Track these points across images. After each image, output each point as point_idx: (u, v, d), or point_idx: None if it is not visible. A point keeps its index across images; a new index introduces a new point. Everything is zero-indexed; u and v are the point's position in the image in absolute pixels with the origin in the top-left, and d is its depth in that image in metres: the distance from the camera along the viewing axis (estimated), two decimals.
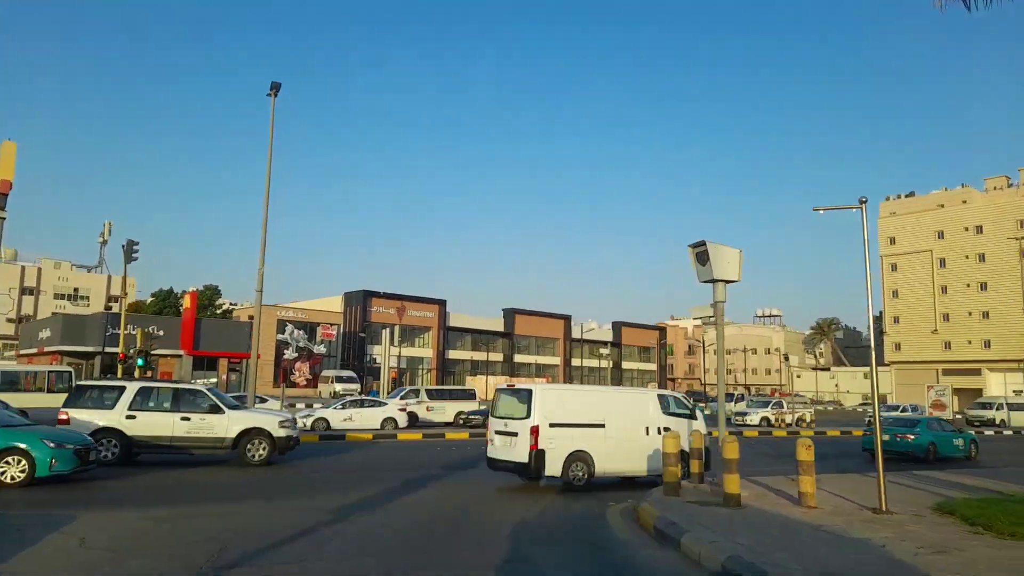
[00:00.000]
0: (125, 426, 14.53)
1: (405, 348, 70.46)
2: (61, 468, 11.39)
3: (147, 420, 14.72)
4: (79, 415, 14.51)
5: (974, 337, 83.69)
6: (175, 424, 14.79)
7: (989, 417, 44.82)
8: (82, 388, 15.56)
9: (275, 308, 60.89)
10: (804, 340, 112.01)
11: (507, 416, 12.59)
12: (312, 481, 14.06)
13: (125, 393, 14.99)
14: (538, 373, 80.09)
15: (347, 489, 12.06)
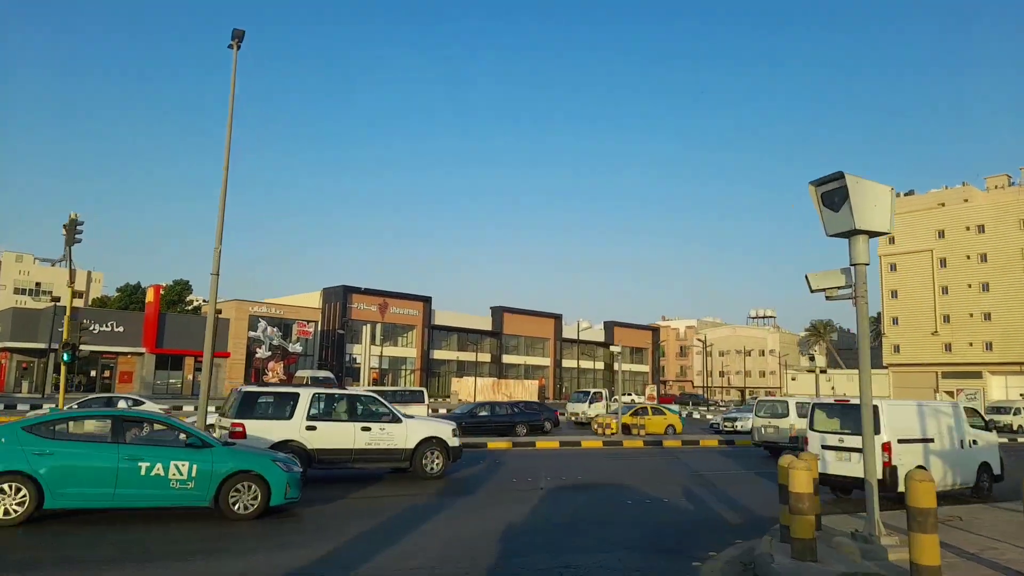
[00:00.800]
0: (305, 438, 13.19)
1: (387, 347, 66.47)
2: (293, 495, 9.81)
3: (328, 431, 13.47)
4: (255, 427, 12.80)
5: (975, 339, 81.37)
6: (356, 435, 13.67)
7: (1005, 423, 42.09)
8: (252, 396, 13.68)
9: (247, 304, 56.73)
10: (799, 342, 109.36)
11: (839, 431, 12.67)
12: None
13: (300, 401, 13.54)
14: (527, 374, 76.47)
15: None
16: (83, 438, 9.24)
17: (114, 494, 8.82)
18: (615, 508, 11.59)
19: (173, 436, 9.58)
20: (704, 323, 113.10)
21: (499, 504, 11.72)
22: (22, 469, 8.42)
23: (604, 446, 24.20)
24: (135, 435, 9.39)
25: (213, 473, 9.23)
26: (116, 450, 8.92)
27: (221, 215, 19.64)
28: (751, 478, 16.59)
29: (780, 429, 20.87)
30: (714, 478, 15.87)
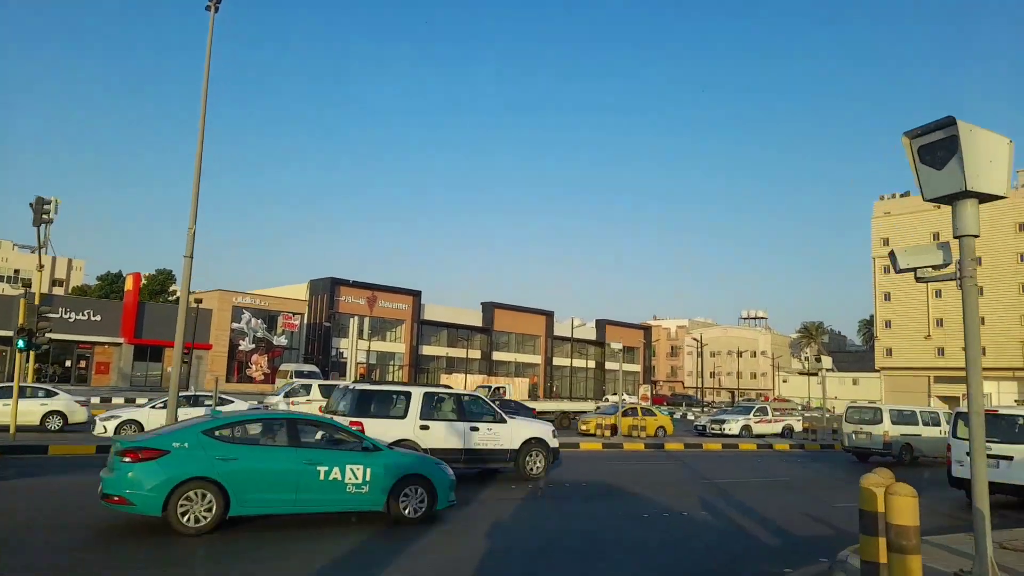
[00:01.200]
0: (420, 438, 13.12)
1: (376, 342, 64.93)
2: (453, 499, 9.75)
3: (440, 431, 13.40)
4: (371, 426, 12.35)
5: None
6: (466, 435, 13.61)
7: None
8: (367, 394, 13.57)
9: (230, 294, 54.96)
10: (790, 344, 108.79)
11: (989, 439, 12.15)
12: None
13: (413, 400, 13.44)
14: (518, 372, 75.08)
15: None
16: (263, 442, 8.84)
17: (295, 499, 8.55)
18: (636, 524, 10.25)
19: (345, 440, 9.38)
20: (696, 323, 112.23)
21: (507, 518, 10.32)
22: (208, 475, 8.03)
23: (603, 448, 22.94)
24: (309, 439, 9.18)
25: (386, 477, 9.07)
26: (296, 454, 8.67)
27: (195, 193, 18.42)
28: (768, 486, 15.35)
29: (873, 435, 21.39)
30: (728, 487, 14.60)
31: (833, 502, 13.07)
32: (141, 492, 7.76)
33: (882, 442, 20.97)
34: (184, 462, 7.98)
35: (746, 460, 21.50)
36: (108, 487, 7.91)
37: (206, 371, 52.37)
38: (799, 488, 15.27)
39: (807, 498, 13.70)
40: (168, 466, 7.90)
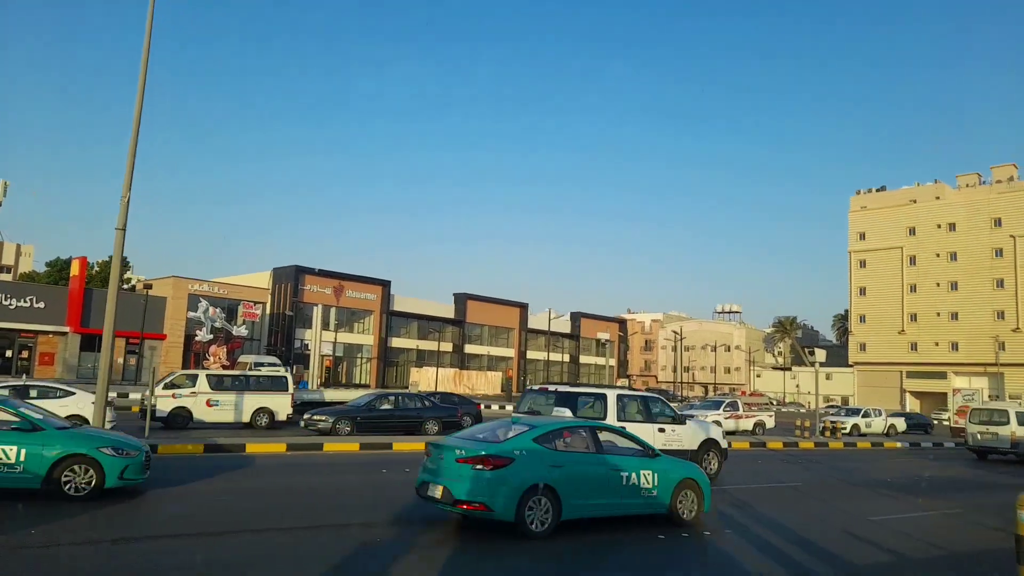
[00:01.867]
0: None
1: (343, 334, 62.21)
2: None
3: (635, 432, 12.05)
4: None
5: (941, 339, 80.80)
6: (655, 436, 13.39)
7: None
8: (569, 396, 13.65)
9: (186, 281, 51.75)
10: (764, 338, 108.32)
11: None
12: None
13: (609, 402, 13.41)
14: (490, 365, 72.97)
15: None
16: (577, 449, 9.06)
17: (606, 504, 8.92)
18: (654, 548, 8.12)
19: (634, 446, 9.67)
20: (670, 317, 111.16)
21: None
22: (547, 481, 8.28)
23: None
24: (609, 446, 9.42)
25: (670, 480, 9.38)
26: (604, 460, 9.04)
27: (131, 161, 16.33)
28: (779, 493, 13.36)
29: (1000, 436, 22.01)
30: (740, 493, 12.60)
31: (865, 514, 11.15)
32: (499, 499, 7.97)
33: (1009, 442, 21.91)
34: (527, 469, 8.22)
35: (734, 461, 19.56)
36: (461, 493, 8.00)
37: (160, 362, 49.23)
38: (815, 495, 13.33)
39: (831, 509, 11.76)
40: (516, 474, 8.12)
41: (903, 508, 12.05)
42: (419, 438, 19.17)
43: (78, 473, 9.29)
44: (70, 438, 9.57)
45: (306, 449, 16.75)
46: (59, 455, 9.21)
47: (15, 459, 8.95)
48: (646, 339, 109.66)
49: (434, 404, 22.92)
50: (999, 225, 77.26)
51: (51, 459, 9.13)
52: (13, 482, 8.97)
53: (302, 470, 13.89)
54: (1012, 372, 71.53)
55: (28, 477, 8.99)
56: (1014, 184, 79.73)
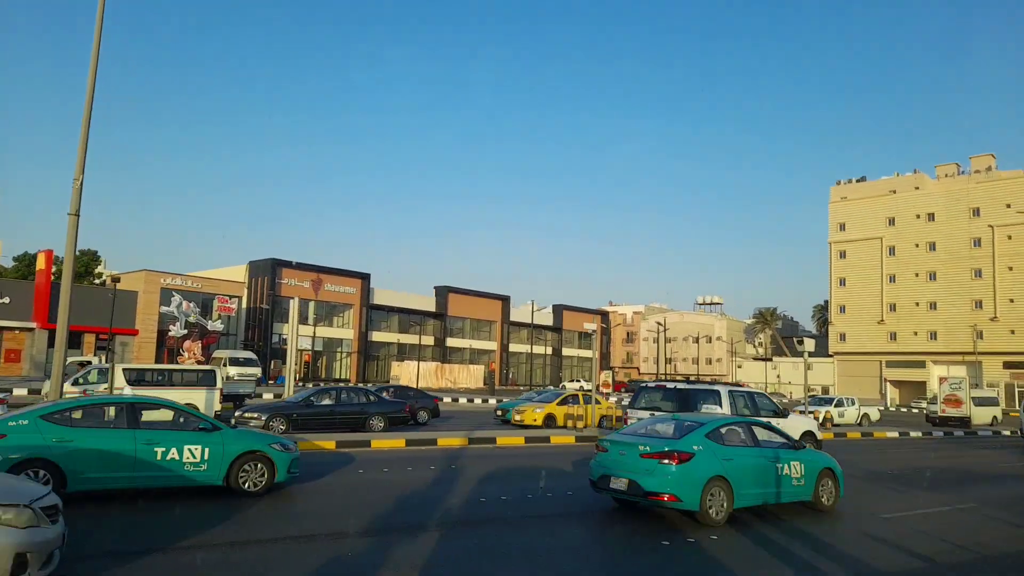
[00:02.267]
0: None
1: (322, 328, 61.02)
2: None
3: None
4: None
5: (920, 328, 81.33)
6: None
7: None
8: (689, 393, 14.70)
9: (158, 275, 50.22)
10: (745, 329, 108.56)
11: None
12: None
13: (723, 398, 14.16)
14: (473, 359, 72.13)
15: None
16: (736, 443, 9.60)
17: (764, 493, 9.48)
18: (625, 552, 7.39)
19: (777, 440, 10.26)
20: (652, 309, 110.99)
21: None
22: (722, 474, 8.92)
23: (527, 443, 18.78)
24: (764, 438, 10.03)
25: (813, 470, 10.16)
26: (763, 453, 9.63)
27: (83, 142, 15.31)
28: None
29: None
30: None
31: (877, 512, 10.54)
32: (686, 490, 8.61)
33: None
34: (706, 463, 8.88)
35: None
36: (651, 486, 8.68)
37: (132, 358, 47.78)
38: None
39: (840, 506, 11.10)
40: (698, 467, 8.77)
41: (914, 504, 11.46)
42: (369, 435, 17.89)
43: (254, 470, 9.85)
44: (245, 436, 10.23)
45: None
46: (238, 452, 9.76)
47: (200, 458, 9.47)
48: (628, 331, 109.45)
49: (380, 399, 20.89)
50: (977, 215, 77.77)
51: (231, 457, 9.69)
52: (199, 480, 9.48)
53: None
54: (990, 361, 72.21)
55: (212, 475, 9.56)
56: (992, 174, 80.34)
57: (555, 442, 19.41)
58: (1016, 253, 73.82)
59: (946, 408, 33.23)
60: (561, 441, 19.64)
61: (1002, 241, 75.12)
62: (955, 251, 78.87)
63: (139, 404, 9.80)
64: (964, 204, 78.69)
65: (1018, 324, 72.53)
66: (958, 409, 32.85)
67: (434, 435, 18.55)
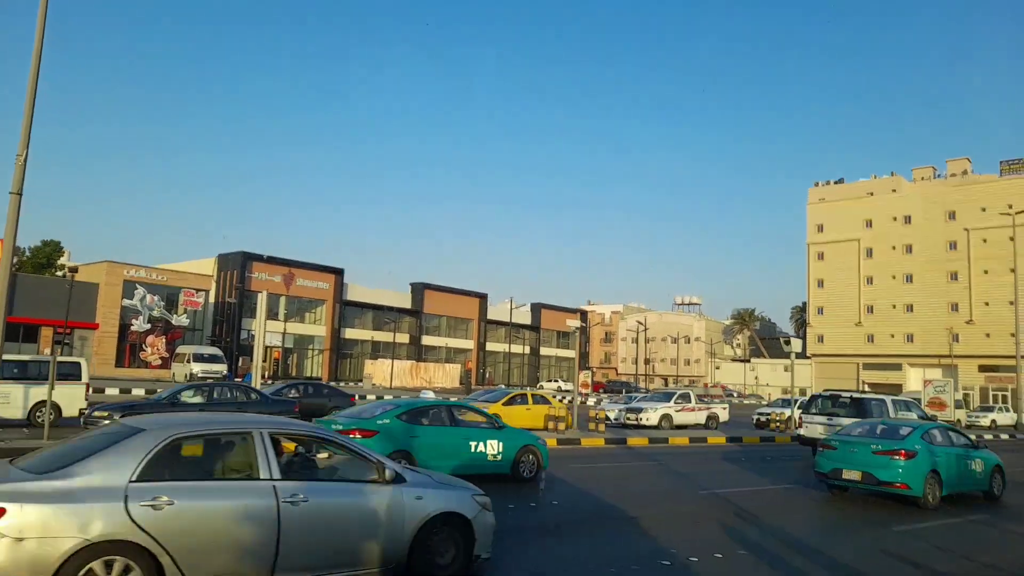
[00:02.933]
0: None
1: (293, 324, 59.30)
2: None
3: None
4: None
5: (897, 331, 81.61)
6: None
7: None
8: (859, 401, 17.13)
9: (121, 266, 48.16)
10: (724, 330, 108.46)
11: None
12: None
13: (888, 406, 16.64)
14: (449, 357, 70.77)
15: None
16: (938, 443, 11.65)
17: (961, 483, 11.65)
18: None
19: (960, 440, 12.33)
20: (630, 308, 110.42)
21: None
22: (935, 468, 11.07)
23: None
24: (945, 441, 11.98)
25: (989, 468, 12.23)
26: (959, 452, 11.81)
27: (28, 116, 13.81)
28: (782, 498, 11.67)
29: None
30: (737, 499, 10.85)
31: (887, 524, 9.55)
32: (913, 481, 10.70)
33: None
34: (926, 459, 10.99)
35: (708, 460, 17.89)
36: (885, 477, 10.86)
37: (91, 354, 45.73)
38: (820, 500, 11.68)
39: (848, 518, 10.16)
40: (921, 462, 10.86)
41: (922, 515, 10.46)
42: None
43: (527, 460, 11.99)
44: (523, 434, 12.62)
45: None
46: (520, 446, 12.03)
47: (497, 451, 11.72)
48: (606, 331, 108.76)
49: (263, 398, 18.36)
50: (953, 218, 78.15)
51: (515, 450, 11.91)
52: (496, 468, 11.55)
53: None
54: (965, 364, 72.51)
55: (504, 465, 11.75)
56: (968, 178, 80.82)
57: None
58: (991, 256, 74.21)
59: (930, 411, 32.55)
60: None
61: (977, 244, 75.53)
62: (931, 254, 79.21)
63: (455, 406, 12.77)
64: (940, 207, 79.04)
65: (993, 327, 72.91)
66: (943, 412, 32.28)
67: None
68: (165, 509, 4.60)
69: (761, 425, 29.26)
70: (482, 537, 5.95)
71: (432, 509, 5.68)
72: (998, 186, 75.03)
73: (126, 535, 4.46)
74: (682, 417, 25.50)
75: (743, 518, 9.46)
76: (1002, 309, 72.12)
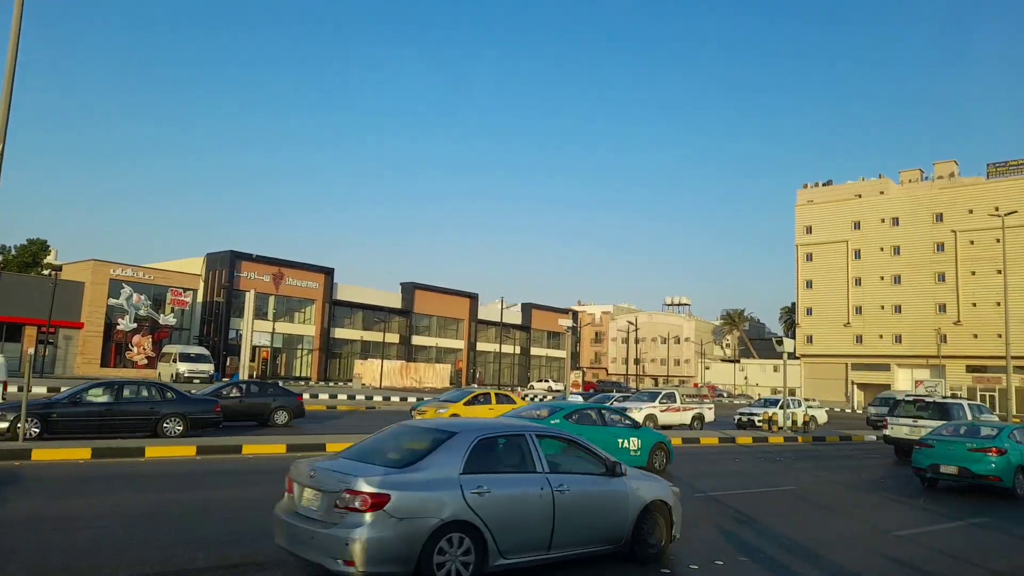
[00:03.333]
0: None
1: (282, 324, 58.81)
2: None
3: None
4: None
5: (885, 331, 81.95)
6: None
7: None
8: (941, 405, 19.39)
9: (107, 265, 47.54)
10: (713, 331, 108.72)
11: None
12: None
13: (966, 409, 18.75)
14: (439, 357, 70.47)
15: None
16: (1020, 442, 13.34)
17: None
18: None
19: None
20: (620, 309, 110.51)
21: None
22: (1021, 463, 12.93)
23: None
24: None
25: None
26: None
27: (5, 106, 13.53)
28: (778, 501, 11.54)
29: None
30: (733, 501, 10.72)
31: (889, 529, 9.41)
32: (1006, 474, 12.64)
33: None
34: (1013, 456, 12.79)
35: (702, 460, 17.78)
36: (981, 471, 12.70)
37: (76, 353, 45.20)
38: (818, 502, 11.55)
39: (849, 521, 9.98)
40: (1011, 458, 12.75)
41: (924, 519, 10.39)
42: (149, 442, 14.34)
43: (660, 456, 14.09)
44: (654, 433, 14.61)
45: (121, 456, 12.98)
46: (654, 443, 13.97)
47: (636, 448, 13.62)
48: (596, 331, 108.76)
49: (181, 396, 17.04)
50: (940, 220, 78.62)
51: (650, 446, 13.92)
52: (635, 463, 12.30)
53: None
54: (953, 364, 72.97)
55: (641, 460, 13.20)
56: (955, 180, 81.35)
57: None
58: (978, 258, 74.76)
59: None
60: None
61: (964, 246, 76.03)
62: (919, 255, 79.66)
63: (603, 409, 14.59)
64: (928, 209, 79.53)
65: (981, 328, 73.43)
66: None
67: (242, 441, 15.27)
68: (485, 495, 5.76)
69: (743, 425, 29.07)
70: (678, 520, 7.26)
71: (648, 497, 6.98)
72: (985, 188, 75.58)
73: (464, 516, 5.62)
74: (667, 417, 25.21)
75: (740, 521, 9.32)
76: (989, 310, 72.69)
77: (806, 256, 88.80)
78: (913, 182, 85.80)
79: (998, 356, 71.19)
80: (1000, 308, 71.25)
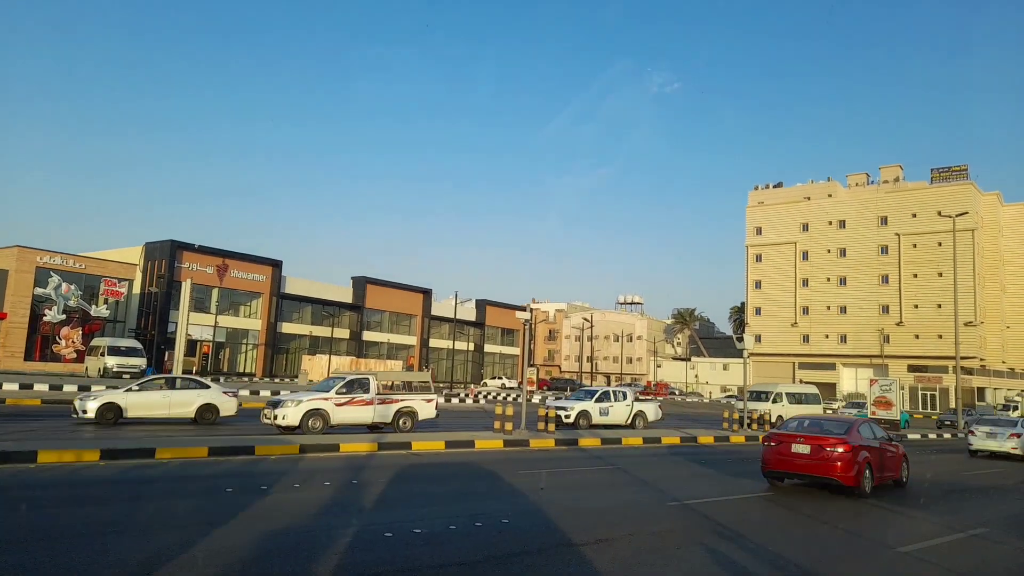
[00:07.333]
0: None
1: (226, 317, 56.36)
2: None
3: None
4: None
5: (831, 331, 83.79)
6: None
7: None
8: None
9: (34, 252, 44.50)
10: (665, 329, 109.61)
11: None
12: None
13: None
14: (391, 353, 68.86)
15: None
16: None
17: None
18: None
19: None
20: (574, 307, 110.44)
21: None
22: None
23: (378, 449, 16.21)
24: None
25: None
26: None
27: None
28: (761, 509, 10.84)
29: None
30: (708, 510, 9.95)
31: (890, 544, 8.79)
32: None
33: None
34: None
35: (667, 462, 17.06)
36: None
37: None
38: (808, 513, 10.87)
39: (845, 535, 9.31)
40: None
41: (924, 531, 9.70)
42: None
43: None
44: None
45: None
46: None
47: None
48: (550, 329, 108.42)
49: None
50: (885, 224, 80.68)
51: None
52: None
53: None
54: (895, 364, 74.85)
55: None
56: (900, 184, 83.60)
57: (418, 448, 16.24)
58: (921, 260, 76.97)
59: (876, 411, 32.77)
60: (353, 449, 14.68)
61: (908, 249, 78.22)
62: (864, 257, 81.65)
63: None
64: (873, 212, 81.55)
65: (922, 329, 75.61)
66: (888, 411, 32.48)
67: (333, 440, 15.30)
68: None
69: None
70: None
71: None
72: (928, 193, 77.84)
73: None
74: (604, 416, 24.05)
75: (723, 536, 8.52)
76: (930, 311, 74.91)
77: (756, 257, 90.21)
78: (860, 186, 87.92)
79: (938, 356, 73.57)
80: (940, 310, 73.63)
